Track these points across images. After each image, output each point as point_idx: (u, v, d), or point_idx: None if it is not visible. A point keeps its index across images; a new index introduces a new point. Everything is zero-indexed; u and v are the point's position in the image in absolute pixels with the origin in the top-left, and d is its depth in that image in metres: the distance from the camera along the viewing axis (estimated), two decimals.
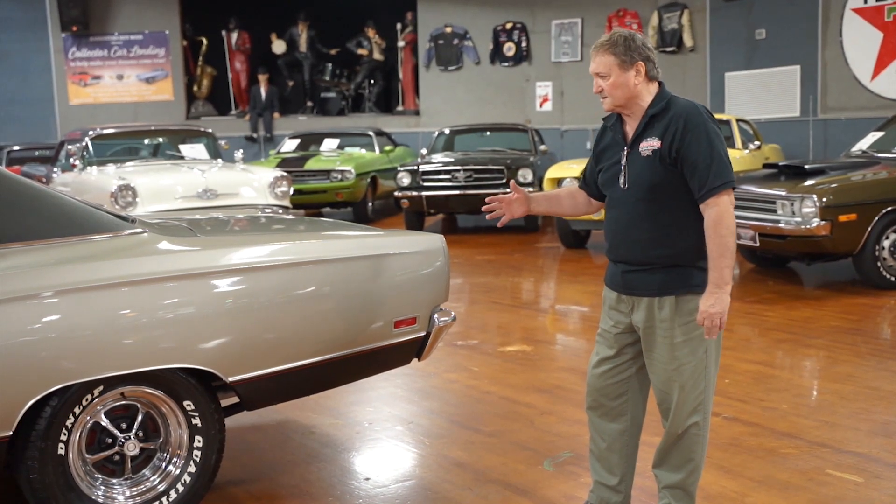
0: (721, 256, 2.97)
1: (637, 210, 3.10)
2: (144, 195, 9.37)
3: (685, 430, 3.17)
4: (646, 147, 3.07)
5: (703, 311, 3.00)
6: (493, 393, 5.36)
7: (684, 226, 3.06)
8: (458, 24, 17.78)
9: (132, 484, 3.51)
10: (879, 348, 6.23)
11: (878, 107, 13.01)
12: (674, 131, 3.02)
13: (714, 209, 2.98)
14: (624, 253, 3.17)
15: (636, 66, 3.07)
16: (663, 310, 3.10)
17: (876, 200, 7.73)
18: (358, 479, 4.12)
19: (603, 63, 3.08)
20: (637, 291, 3.15)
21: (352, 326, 3.88)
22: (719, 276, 2.98)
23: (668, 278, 3.09)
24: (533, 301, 8.90)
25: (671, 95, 3.13)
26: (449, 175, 12.22)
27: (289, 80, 19.30)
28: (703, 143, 2.99)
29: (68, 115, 18.18)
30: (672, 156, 3.02)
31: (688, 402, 3.14)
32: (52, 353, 3.20)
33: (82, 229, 3.54)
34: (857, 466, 4.06)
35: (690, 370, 3.11)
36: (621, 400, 3.29)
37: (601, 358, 3.30)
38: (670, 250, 3.07)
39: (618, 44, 3.06)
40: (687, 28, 15.90)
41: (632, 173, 3.10)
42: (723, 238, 2.97)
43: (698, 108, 3.06)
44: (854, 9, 13.49)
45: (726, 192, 2.99)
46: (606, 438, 3.33)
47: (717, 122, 3.06)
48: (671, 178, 3.04)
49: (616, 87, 3.08)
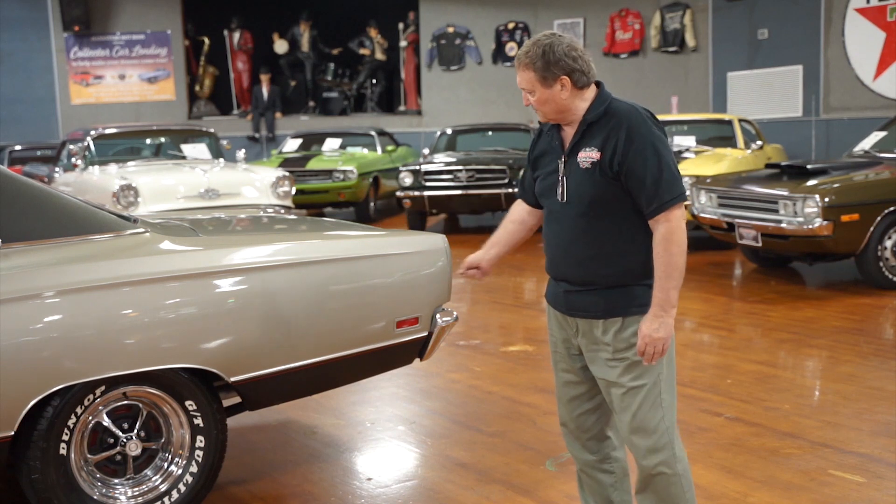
0: (668, 277, 2.73)
1: (577, 226, 2.84)
2: (146, 195, 9.37)
3: (652, 474, 2.86)
4: (584, 158, 2.79)
5: (646, 334, 2.74)
6: (495, 393, 5.36)
7: (630, 242, 2.81)
8: (460, 24, 17.78)
9: (134, 484, 3.51)
10: (882, 348, 6.22)
11: (880, 107, 13.01)
12: (615, 142, 2.74)
13: (664, 225, 2.73)
14: (565, 271, 2.93)
15: (560, 81, 2.77)
16: (608, 333, 2.84)
17: (878, 200, 7.72)
18: (360, 479, 4.12)
19: (525, 79, 2.80)
20: (580, 313, 2.90)
21: (354, 326, 3.88)
22: (665, 297, 2.73)
23: (613, 299, 2.83)
24: (535, 301, 8.89)
25: (611, 99, 2.83)
26: (451, 175, 12.21)
27: (291, 79, 19.31)
28: (650, 155, 2.72)
29: (70, 115, 18.19)
30: (614, 169, 2.74)
31: (644, 434, 2.84)
32: (54, 353, 3.21)
33: (84, 229, 3.54)
34: (859, 467, 4.06)
35: (642, 396, 2.83)
36: (596, 429, 3.04)
37: (564, 382, 3.05)
38: (615, 269, 2.82)
39: (536, 58, 2.76)
40: (689, 28, 15.90)
41: (570, 185, 2.84)
42: (672, 257, 2.72)
43: (641, 114, 2.78)
44: (857, 9, 13.48)
45: (677, 207, 2.73)
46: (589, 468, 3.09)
47: (662, 126, 2.81)
48: (613, 191, 2.77)
49: (543, 102, 2.81)
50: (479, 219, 13.79)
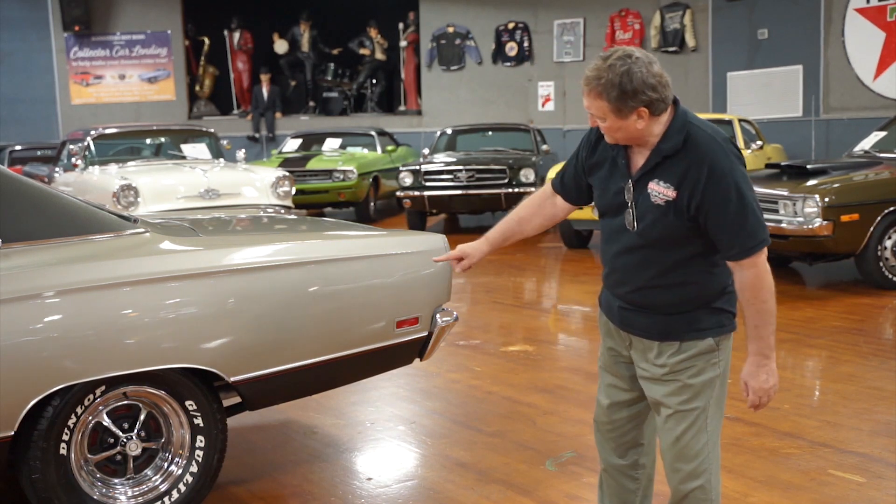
0: (766, 324, 2.60)
1: (641, 256, 2.65)
2: (146, 195, 9.37)
3: (687, 495, 2.74)
4: (657, 193, 2.56)
5: (758, 388, 2.67)
6: (495, 393, 5.36)
7: (697, 273, 2.64)
8: (460, 24, 17.78)
9: (134, 484, 3.51)
10: (882, 348, 6.22)
11: (880, 107, 13.01)
12: (694, 181, 2.50)
13: (751, 271, 2.55)
14: (622, 293, 2.75)
15: (637, 113, 2.50)
16: (663, 355, 2.69)
17: (878, 200, 7.72)
18: (360, 479, 4.12)
19: (596, 107, 2.52)
20: (635, 331, 2.74)
21: (354, 326, 3.88)
22: (766, 344, 2.61)
23: (671, 323, 2.67)
24: (535, 301, 8.89)
25: (689, 125, 2.55)
26: (451, 175, 12.21)
27: (291, 79, 19.31)
28: (733, 198, 2.49)
29: (70, 115, 18.19)
30: (691, 212, 2.52)
31: (685, 459, 2.71)
32: (55, 353, 3.20)
33: (84, 229, 3.54)
34: (859, 466, 4.06)
35: (690, 421, 2.70)
36: (632, 435, 2.93)
37: (607, 385, 2.92)
38: (678, 297, 2.65)
39: (611, 88, 2.46)
40: (689, 28, 15.90)
41: (640, 216, 2.60)
42: (765, 304, 2.58)
43: (724, 150, 2.53)
44: (856, 9, 13.48)
45: (762, 252, 2.55)
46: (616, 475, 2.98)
47: (741, 154, 2.59)
48: (687, 231, 2.57)
49: (615, 130, 2.56)
50: (479, 219, 13.79)
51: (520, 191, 11.87)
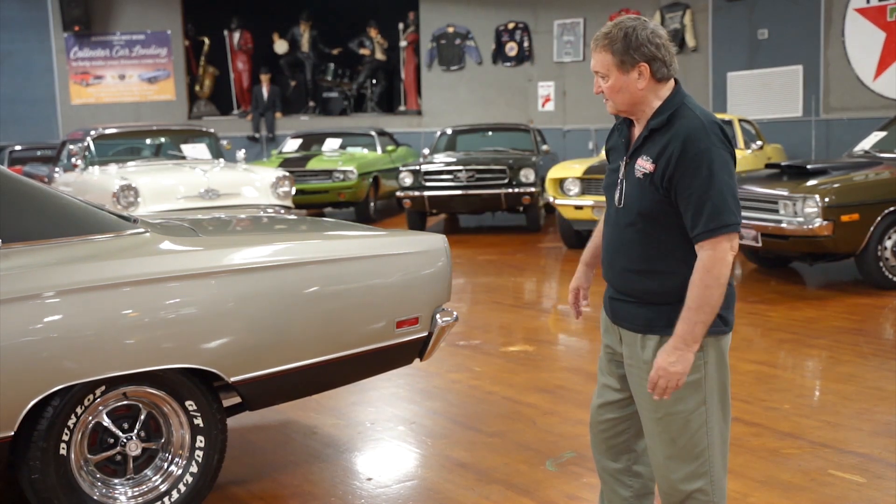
0: (698, 309, 2.51)
1: (625, 235, 2.68)
2: (146, 195, 9.37)
3: (688, 496, 2.68)
4: (640, 167, 2.60)
5: (662, 367, 2.54)
6: (495, 393, 5.36)
7: (678, 261, 2.61)
8: (460, 24, 17.79)
9: (134, 484, 3.51)
10: (882, 348, 6.22)
11: (880, 107, 13.01)
12: (669, 154, 2.53)
13: (707, 254, 2.51)
14: (611, 278, 2.78)
15: (639, 68, 2.56)
16: (646, 349, 2.66)
17: (878, 200, 7.72)
18: (360, 480, 4.12)
19: (601, 62, 2.59)
20: (623, 323, 2.75)
21: (354, 326, 3.88)
22: (689, 330, 2.52)
23: (653, 315, 2.65)
24: (535, 301, 8.89)
25: (681, 103, 2.60)
26: (451, 175, 12.21)
27: (291, 79, 19.31)
28: (702, 174, 2.49)
29: (70, 115, 18.19)
30: (664, 185, 2.55)
31: (683, 460, 2.66)
32: (55, 353, 3.20)
33: (84, 229, 3.54)
34: (859, 467, 4.06)
35: (682, 422, 2.65)
36: (622, 438, 2.89)
37: (601, 385, 2.92)
38: (658, 286, 2.64)
39: (616, 40, 2.55)
40: (689, 28, 15.90)
41: (626, 192, 2.66)
42: (707, 289, 2.51)
43: (705, 129, 2.53)
44: (857, 9, 13.48)
45: (726, 237, 2.50)
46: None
47: (731, 146, 2.58)
48: (663, 207, 2.58)
49: (616, 90, 2.60)
50: (479, 219, 13.79)
51: (520, 191, 11.87)
